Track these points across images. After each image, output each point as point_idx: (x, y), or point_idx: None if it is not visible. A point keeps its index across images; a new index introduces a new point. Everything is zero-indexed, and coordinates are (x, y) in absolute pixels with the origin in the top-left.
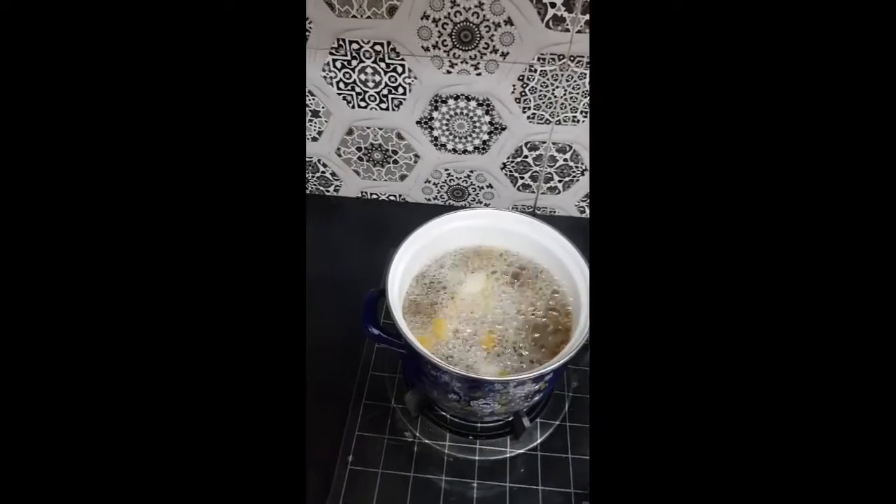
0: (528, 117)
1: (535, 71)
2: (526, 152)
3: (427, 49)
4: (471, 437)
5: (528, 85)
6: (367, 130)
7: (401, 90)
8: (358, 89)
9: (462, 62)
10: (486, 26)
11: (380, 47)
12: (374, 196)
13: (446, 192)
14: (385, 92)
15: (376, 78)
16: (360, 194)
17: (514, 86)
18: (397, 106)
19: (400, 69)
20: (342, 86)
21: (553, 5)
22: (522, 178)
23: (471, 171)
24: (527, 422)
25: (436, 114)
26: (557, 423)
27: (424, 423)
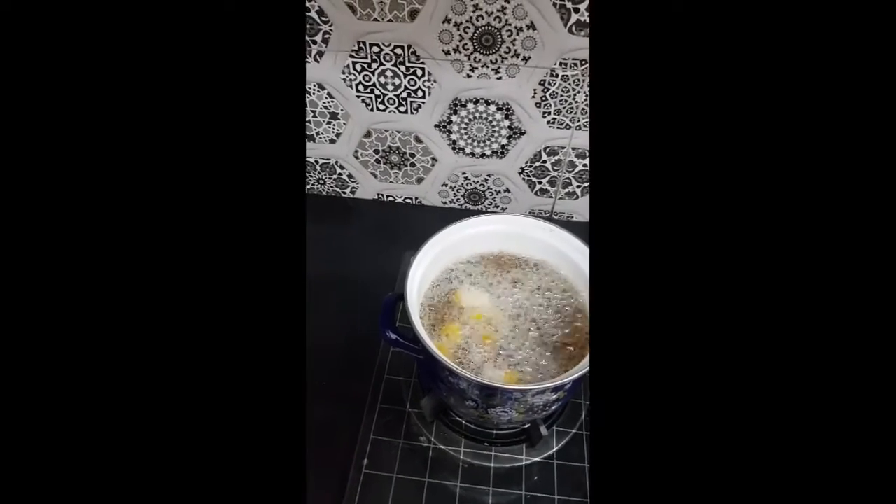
0: (549, 122)
1: (557, 76)
2: (545, 157)
3: (448, 53)
4: (486, 444)
5: (549, 90)
6: (385, 133)
7: (420, 93)
8: (377, 92)
9: (483, 66)
10: (507, 31)
11: (400, 50)
12: (391, 198)
13: (463, 196)
14: (404, 95)
15: (396, 81)
16: (377, 196)
17: (534, 90)
18: (416, 109)
19: (420, 72)
20: (361, 88)
21: (577, 10)
22: (540, 182)
23: (488, 175)
24: (544, 430)
25: (454, 117)
26: (574, 431)
27: (440, 428)
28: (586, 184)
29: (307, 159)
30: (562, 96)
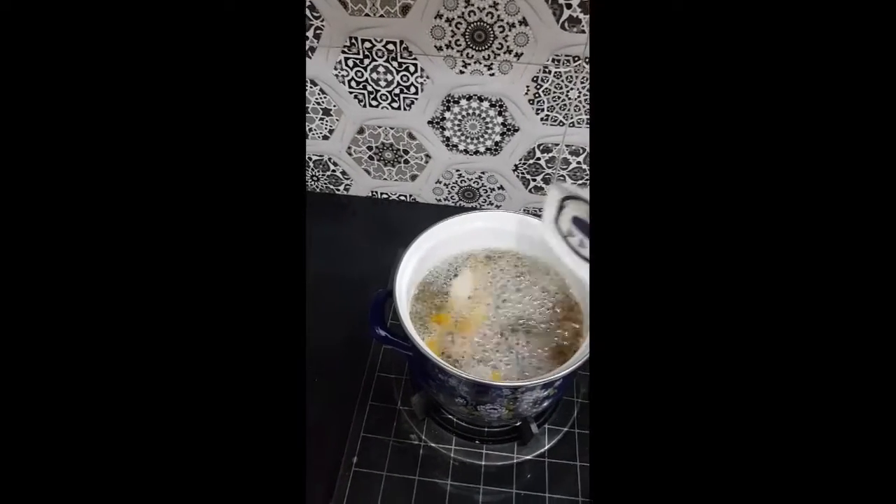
0: (542, 119)
1: (550, 72)
2: (539, 154)
3: (440, 48)
4: (477, 442)
5: (542, 86)
6: (379, 129)
7: (413, 89)
8: (370, 88)
9: (475, 62)
10: (500, 26)
11: (392, 46)
12: (385, 196)
13: (457, 193)
14: (397, 91)
15: (388, 77)
16: (371, 193)
17: (527, 87)
18: (409, 105)
19: (412, 68)
20: (354, 84)
21: (569, 6)
22: (535, 180)
23: (482, 173)
24: (535, 428)
25: (448, 114)
26: (566, 429)
27: (431, 426)
28: (580, 181)
29: None
30: (555, 93)
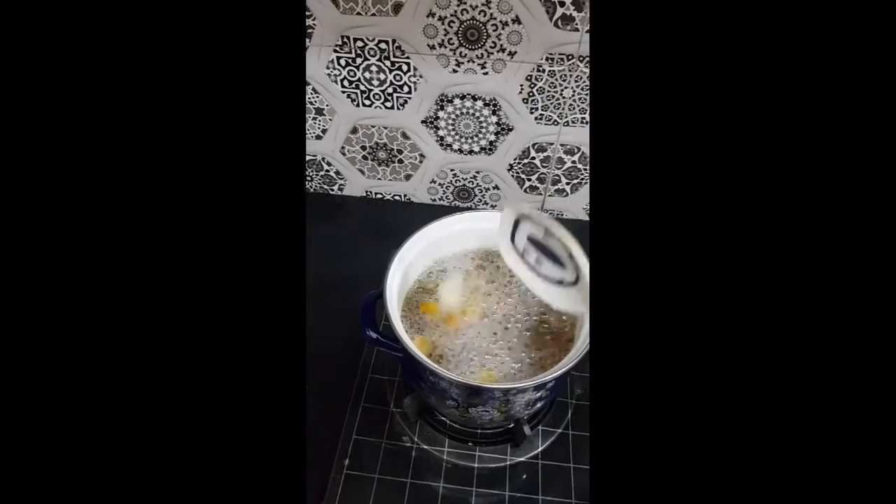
0: (536, 118)
1: (544, 71)
2: (533, 154)
3: (433, 47)
4: (470, 444)
5: (535, 85)
6: (372, 129)
7: (406, 89)
8: (363, 87)
9: (468, 61)
10: (493, 25)
11: (385, 45)
12: (379, 196)
13: (452, 193)
14: (390, 90)
15: (381, 76)
16: (365, 193)
17: (521, 86)
18: (402, 105)
19: (405, 67)
20: (346, 83)
21: (562, 4)
22: (530, 179)
23: (477, 172)
24: (527, 430)
25: (441, 113)
26: (560, 431)
27: (423, 428)
28: (575, 181)
29: None
30: (549, 92)
